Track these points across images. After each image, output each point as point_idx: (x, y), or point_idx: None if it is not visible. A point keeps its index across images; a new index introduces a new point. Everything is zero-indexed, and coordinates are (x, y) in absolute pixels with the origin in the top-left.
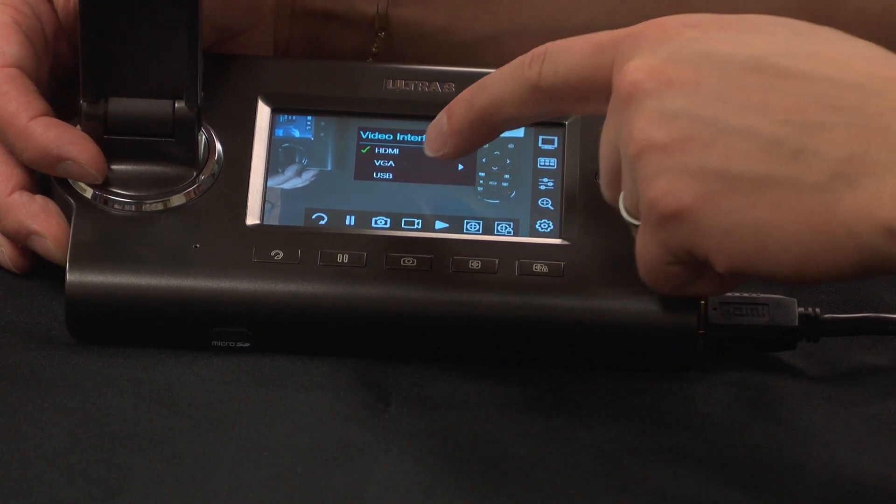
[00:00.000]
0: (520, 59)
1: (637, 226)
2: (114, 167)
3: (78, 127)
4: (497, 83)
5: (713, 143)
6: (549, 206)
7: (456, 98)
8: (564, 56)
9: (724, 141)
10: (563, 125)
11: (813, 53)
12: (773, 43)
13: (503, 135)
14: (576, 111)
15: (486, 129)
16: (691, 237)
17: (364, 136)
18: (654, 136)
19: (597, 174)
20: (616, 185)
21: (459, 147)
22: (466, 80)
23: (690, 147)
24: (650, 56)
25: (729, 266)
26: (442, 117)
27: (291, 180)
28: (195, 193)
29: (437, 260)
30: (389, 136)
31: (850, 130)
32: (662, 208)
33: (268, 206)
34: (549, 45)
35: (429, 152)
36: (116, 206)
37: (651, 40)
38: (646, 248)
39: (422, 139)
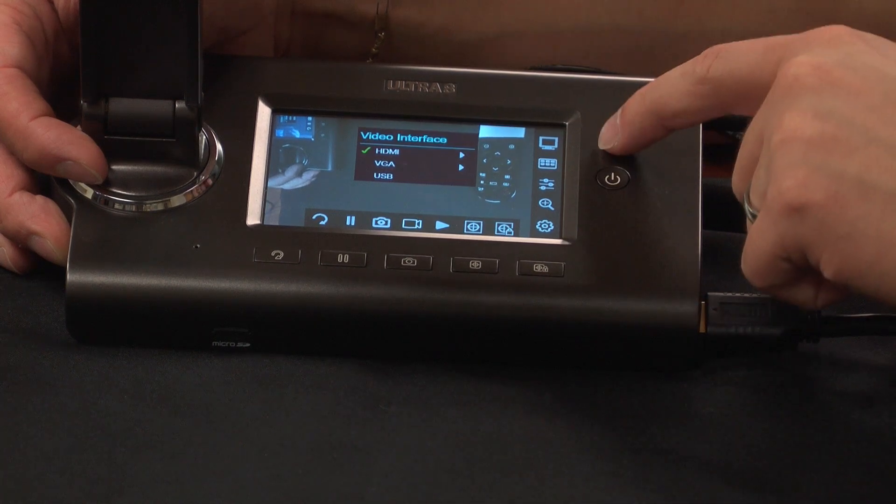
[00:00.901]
0: (693, 58)
1: (755, 216)
2: (114, 167)
3: (78, 127)
4: (668, 77)
5: (858, 150)
6: (549, 206)
7: (633, 94)
8: (735, 52)
9: (869, 150)
10: (564, 126)
11: None
12: None
13: (504, 135)
14: (740, 109)
15: (655, 121)
16: (811, 234)
17: (364, 137)
18: (804, 128)
19: (597, 175)
20: (748, 174)
21: (629, 140)
22: (467, 81)
23: (836, 147)
24: (819, 56)
25: (837, 272)
26: (618, 111)
27: (292, 181)
28: (196, 194)
29: (438, 260)
30: (390, 137)
31: None
32: (792, 199)
33: (268, 206)
34: (721, 45)
35: (601, 144)
36: (117, 207)
37: (822, 43)
38: (761, 237)
39: (422, 139)
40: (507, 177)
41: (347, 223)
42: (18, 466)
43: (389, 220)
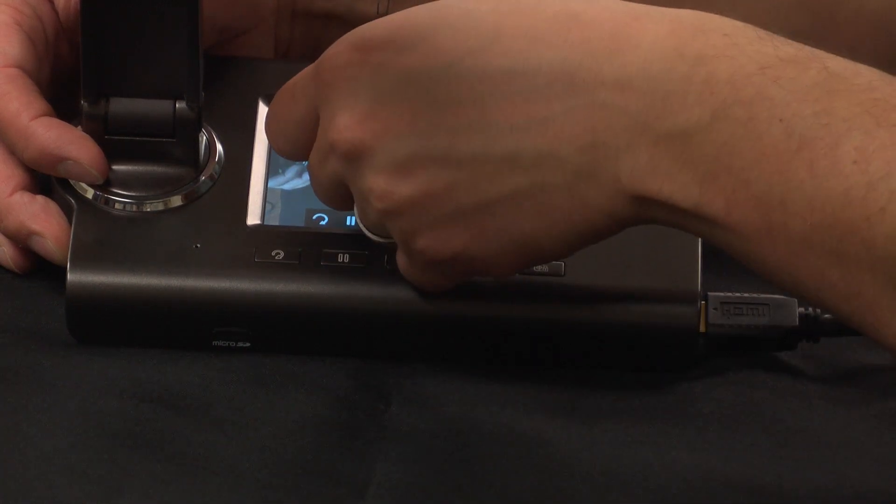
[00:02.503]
0: None
1: (387, 241)
2: (115, 167)
3: (79, 127)
4: None
5: (458, 181)
6: None
7: None
8: (282, 125)
9: (465, 173)
10: None
11: (495, 38)
12: (456, 40)
13: None
14: None
15: None
16: (468, 268)
17: None
18: (400, 192)
19: None
20: (341, 204)
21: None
22: None
23: (440, 193)
24: (354, 103)
25: (510, 272)
26: None
27: (292, 181)
28: (196, 194)
29: None
30: None
31: (574, 118)
32: (434, 256)
33: (268, 206)
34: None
35: None
36: (117, 207)
37: (337, 82)
38: (417, 275)
39: None
40: None
41: (348, 223)
42: (18, 466)
43: None
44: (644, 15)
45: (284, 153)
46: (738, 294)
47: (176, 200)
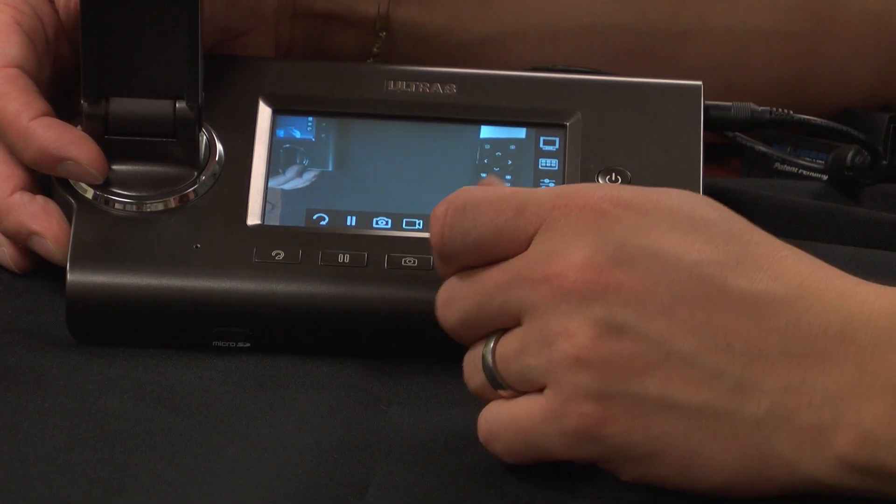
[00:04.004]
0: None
1: (500, 384)
2: (115, 167)
3: (79, 127)
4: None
5: (657, 367)
6: None
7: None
8: (476, 213)
9: (668, 365)
10: (565, 126)
11: (746, 258)
12: (711, 245)
13: (505, 135)
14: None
15: None
16: (608, 454)
17: (365, 137)
18: (599, 350)
19: (598, 174)
20: (478, 330)
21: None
22: (467, 82)
23: (634, 368)
24: (594, 251)
25: (637, 480)
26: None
27: (292, 181)
28: (196, 194)
29: None
30: (390, 138)
31: (787, 359)
32: (589, 428)
33: (269, 206)
34: (464, 196)
35: None
36: (117, 207)
37: (585, 222)
38: (540, 437)
39: (423, 140)
40: (508, 177)
41: (348, 223)
42: (18, 466)
43: (390, 221)
44: (863, 283)
45: (453, 242)
46: None
47: (176, 200)
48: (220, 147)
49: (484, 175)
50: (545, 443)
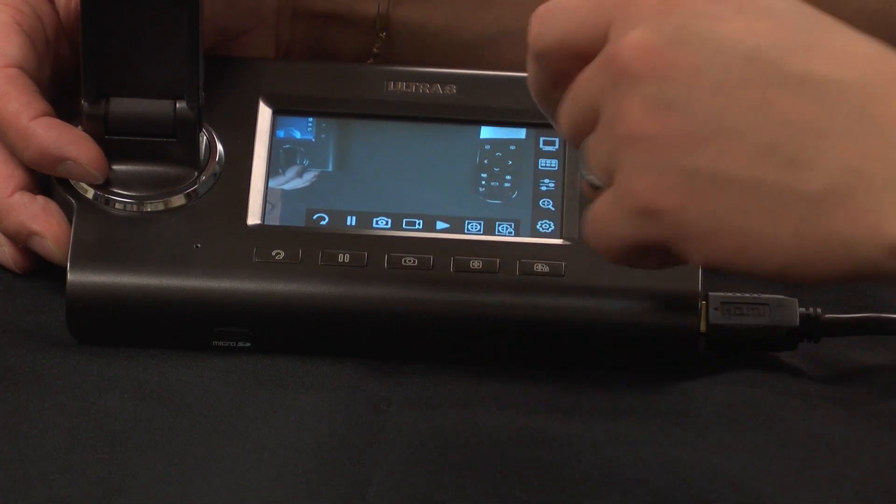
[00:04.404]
0: None
1: (597, 187)
2: (115, 167)
3: (79, 127)
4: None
5: (707, 141)
6: (550, 206)
7: None
8: (558, 14)
9: (718, 140)
10: None
11: (814, 45)
12: (778, 31)
13: (505, 136)
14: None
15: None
16: (670, 232)
17: (364, 138)
18: (648, 126)
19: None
20: (581, 132)
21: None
22: (467, 82)
23: (684, 142)
24: (651, 32)
25: (704, 263)
26: None
27: (292, 181)
28: (196, 194)
29: (438, 260)
30: (390, 138)
31: (848, 140)
32: (645, 203)
33: (269, 206)
34: (544, 6)
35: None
36: (117, 206)
37: (653, 11)
38: (609, 223)
39: (423, 140)
40: (507, 177)
41: (348, 223)
42: (18, 466)
43: (390, 221)
44: None
45: (542, 38)
46: (738, 294)
47: (176, 200)
48: (220, 147)
49: (484, 175)
50: (617, 229)
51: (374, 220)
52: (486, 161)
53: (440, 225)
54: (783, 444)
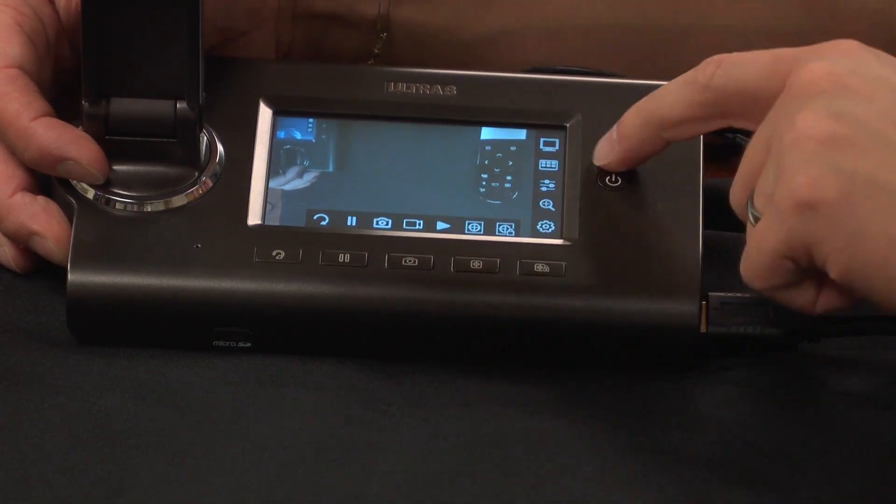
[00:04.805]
0: (695, 68)
1: (758, 218)
2: (115, 167)
3: (80, 127)
4: (668, 88)
5: (870, 150)
6: (550, 207)
7: (629, 109)
8: (740, 62)
9: (880, 151)
10: (565, 127)
11: None
12: None
13: (505, 137)
14: (741, 121)
15: (653, 133)
16: (821, 231)
17: (365, 138)
18: (817, 127)
19: (598, 174)
20: (750, 182)
21: (626, 154)
22: (467, 83)
23: (848, 146)
24: (831, 63)
25: (844, 272)
26: (613, 127)
27: (293, 181)
28: (197, 194)
29: (439, 260)
30: (390, 139)
31: None
32: (803, 195)
33: (269, 206)
34: (724, 54)
35: (597, 161)
36: (118, 207)
37: (832, 53)
38: (766, 236)
39: (423, 141)
40: (508, 178)
41: (348, 223)
42: (18, 466)
43: (390, 221)
44: None
45: (717, 78)
46: (738, 294)
47: (176, 200)
48: (220, 148)
49: (485, 176)
50: (770, 240)
51: (375, 220)
52: (486, 161)
53: (440, 225)
54: (782, 444)
